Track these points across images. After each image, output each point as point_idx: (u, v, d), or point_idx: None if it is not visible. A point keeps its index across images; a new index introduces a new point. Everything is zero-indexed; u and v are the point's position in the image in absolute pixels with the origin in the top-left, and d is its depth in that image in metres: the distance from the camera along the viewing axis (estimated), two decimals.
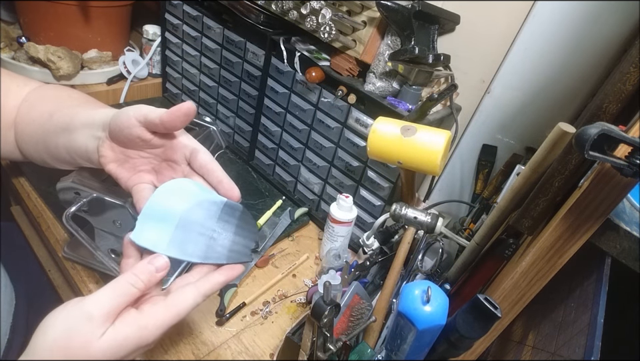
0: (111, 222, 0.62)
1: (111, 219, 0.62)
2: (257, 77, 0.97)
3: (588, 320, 0.50)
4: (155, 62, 1.23)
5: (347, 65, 0.81)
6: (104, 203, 0.60)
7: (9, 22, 1.19)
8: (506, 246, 0.59)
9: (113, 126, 0.50)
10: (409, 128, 0.65)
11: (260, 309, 0.76)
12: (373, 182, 0.84)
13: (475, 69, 0.77)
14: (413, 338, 0.52)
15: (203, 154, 0.52)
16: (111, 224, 0.63)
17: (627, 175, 0.41)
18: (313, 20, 0.76)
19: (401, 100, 0.75)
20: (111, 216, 0.61)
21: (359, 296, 0.64)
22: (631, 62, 0.48)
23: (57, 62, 1.04)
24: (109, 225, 0.63)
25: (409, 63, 0.72)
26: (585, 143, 0.40)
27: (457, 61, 0.76)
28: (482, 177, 0.83)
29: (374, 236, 0.78)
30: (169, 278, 0.61)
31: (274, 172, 1.06)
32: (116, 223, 0.62)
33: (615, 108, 0.50)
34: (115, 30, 1.19)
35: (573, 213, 0.49)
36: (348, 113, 0.83)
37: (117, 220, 0.62)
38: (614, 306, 0.51)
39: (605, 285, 0.53)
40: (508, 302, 0.57)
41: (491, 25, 0.73)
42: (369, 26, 0.77)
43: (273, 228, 0.91)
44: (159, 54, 1.22)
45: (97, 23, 1.12)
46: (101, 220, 0.63)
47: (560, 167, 0.50)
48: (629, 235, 0.51)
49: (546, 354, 0.54)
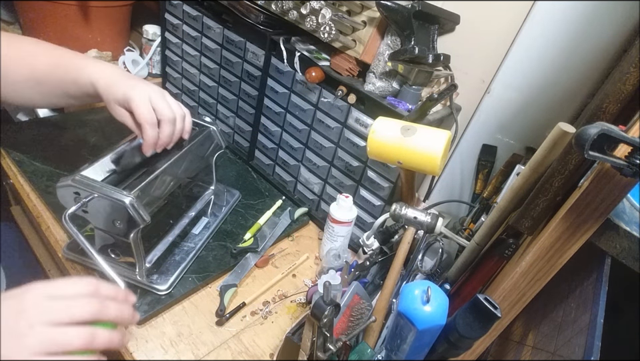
0: (110, 222, 0.62)
1: (110, 219, 0.62)
2: (256, 77, 0.97)
3: (588, 320, 0.50)
4: (154, 62, 1.23)
5: (346, 65, 0.81)
6: (104, 203, 0.60)
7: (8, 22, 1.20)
8: (506, 246, 0.59)
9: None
10: (408, 128, 0.65)
11: (260, 309, 0.76)
12: (373, 182, 0.84)
13: (475, 69, 0.77)
14: (413, 338, 0.52)
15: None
16: (110, 225, 0.62)
17: (627, 175, 0.41)
18: (312, 20, 0.76)
19: (400, 100, 0.75)
20: (110, 216, 0.61)
21: (358, 296, 0.64)
22: (631, 62, 0.48)
23: None
24: (108, 225, 0.63)
25: (408, 63, 0.72)
26: (585, 143, 0.40)
27: (456, 61, 0.76)
28: (482, 177, 0.83)
29: (374, 236, 0.78)
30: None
31: (274, 172, 1.06)
32: (116, 223, 0.62)
33: (614, 108, 0.50)
34: (115, 30, 1.19)
35: (573, 213, 0.49)
36: (348, 113, 0.83)
37: (117, 220, 0.61)
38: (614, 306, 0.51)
39: (605, 285, 0.53)
40: (508, 302, 0.57)
41: (491, 25, 0.73)
42: (368, 26, 0.77)
43: (272, 228, 0.91)
44: (158, 54, 1.22)
45: (97, 23, 1.12)
46: (101, 220, 0.63)
47: (560, 167, 0.50)
48: (628, 235, 0.51)
49: (546, 354, 0.54)
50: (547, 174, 0.52)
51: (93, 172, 0.63)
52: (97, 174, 0.64)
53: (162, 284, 0.71)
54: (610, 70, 0.68)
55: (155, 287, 0.70)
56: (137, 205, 0.59)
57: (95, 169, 0.64)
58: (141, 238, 0.66)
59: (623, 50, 0.66)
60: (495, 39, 0.73)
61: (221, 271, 0.79)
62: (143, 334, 0.67)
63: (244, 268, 0.81)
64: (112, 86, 0.64)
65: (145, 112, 0.62)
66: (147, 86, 0.65)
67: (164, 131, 0.65)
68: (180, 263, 0.76)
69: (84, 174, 0.61)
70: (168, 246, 0.78)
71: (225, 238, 0.86)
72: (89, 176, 0.61)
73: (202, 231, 0.84)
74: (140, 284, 0.71)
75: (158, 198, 0.68)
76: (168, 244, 0.78)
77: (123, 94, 0.63)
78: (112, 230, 0.64)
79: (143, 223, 0.61)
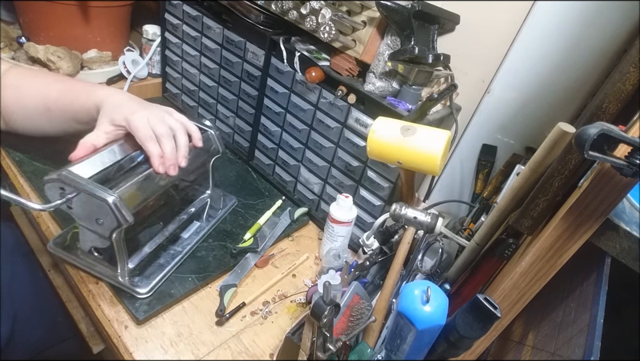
0: (93, 220, 0.62)
1: (93, 217, 0.61)
2: (256, 77, 0.97)
3: (588, 320, 0.50)
4: (154, 62, 1.23)
5: (346, 65, 0.81)
6: (88, 201, 0.59)
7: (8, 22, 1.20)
8: (506, 246, 0.59)
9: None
10: (408, 128, 0.65)
11: (260, 309, 0.76)
12: (373, 182, 0.84)
13: (475, 69, 0.77)
14: (413, 338, 0.52)
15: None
16: (93, 222, 0.62)
17: (627, 175, 0.41)
18: (312, 20, 0.76)
19: (400, 100, 0.75)
20: (94, 213, 0.61)
21: (358, 296, 0.64)
22: (631, 62, 0.48)
23: (57, 62, 1.04)
24: (92, 223, 0.62)
25: (408, 63, 0.72)
26: (585, 143, 0.40)
27: (456, 61, 0.76)
28: (482, 177, 0.83)
29: (374, 236, 0.78)
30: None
31: (274, 172, 1.06)
32: (99, 221, 0.61)
33: (614, 108, 0.50)
34: (115, 30, 1.19)
35: (573, 213, 0.49)
36: (348, 113, 0.83)
37: (100, 218, 0.61)
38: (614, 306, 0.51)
39: (605, 285, 0.53)
40: (508, 302, 0.57)
41: (491, 25, 0.73)
42: (368, 26, 0.77)
43: (272, 228, 0.91)
44: (158, 54, 1.22)
45: (97, 23, 1.12)
46: (85, 217, 0.63)
47: (560, 167, 0.50)
48: (628, 235, 0.51)
49: (546, 354, 0.54)
50: (547, 174, 0.52)
51: (84, 168, 0.63)
52: (87, 170, 0.63)
53: (143, 287, 0.70)
54: (610, 70, 0.68)
55: (136, 290, 0.69)
56: (119, 204, 0.59)
57: (87, 165, 0.64)
58: (124, 238, 0.66)
59: (623, 50, 0.66)
60: (494, 39, 0.73)
61: (221, 271, 0.79)
62: (143, 334, 0.67)
63: (244, 268, 0.81)
64: (116, 107, 0.68)
65: (142, 129, 0.65)
66: (146, 110, 0.68)
67: (165, 145, 0.67)
68: (164, 267, 0.74)
69: (71, 170, 0.60)
70: (154, 249, 0.76)
71: (224, 238, 0.86)
72: (77, 172, 0.60)
73: (191, 235, 0.82)
74: (121, 286, 0.69)
75: (147, 199, 0.67)
76: (155, 247, 0.76)
77: (123, 117, 0.66)
78: (95, 229, 0.63)
79: (126, 223, 0.60)
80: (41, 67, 1.05)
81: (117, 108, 0.67)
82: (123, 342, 0.65)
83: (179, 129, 0.70)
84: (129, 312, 0.68)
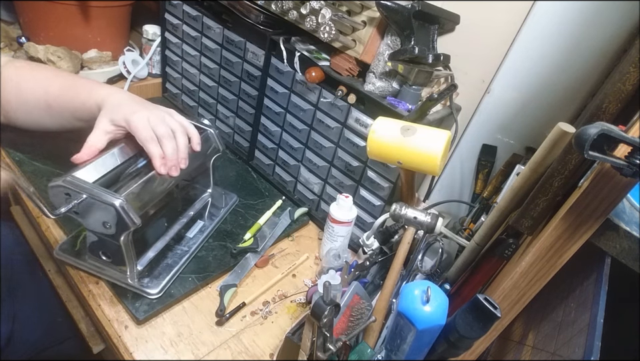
0: (101, 224, 0.62)
1: (100, 221, 0.61)
2: (256, 77, 0.97)
3: (588, 320, 0.50)
4: (154, 62, 1.23)
5: (346, 65, 0.81)
6: (94, 205, 0.59)
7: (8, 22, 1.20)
8: (506, 246, 0.59)
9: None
10: (408, 128, 0.65)
11: (260, 309, 0.76)
12: (373, 182, 0.84)
13: (475, 69, 0.77)
14: (413, 338, 0.52)
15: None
16: (101, 226, 0.62)
17: (627, 175, 0.41)
18: (312, 20, 0.76)
19: (400, 100, 0.75)
20: (100, 217, 0.61)
21: (358, 296, 0.64)
22: (631, 62, 0.48)
23: (57, 62, 1.04)
24: (99, 227, 0.63)
25: (408, 63, 0.72)
26: (585, 143, 0.40)
27: (456, 61, 0.76)
28: (482, 177, 0.83)
29: (374, 236, 0.78)
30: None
31: (274, 172, 1.06)
32: (106, 225, 0.61)
33: (614, 108, 0.50)
34: (115, 30, 1.19)
35: (573, 213, 0.49)
36: (348, 113, 0.83)
37: (107, 222, 0.61)
38: (614, 306, 0.51)
39: (605, 285, 0.53)
40: (508, 302, 0.57)
41: (491, 25, 0.73)
42: (368, 26, 0.77)
43: (272, 228, 0.91)
44: (158, 54, 1.22)
45: (97, 23, 1.12)
46: (92, 222, 0.63)
47: (560, 167, 0.50)
48: (628, 235, 0.51)
49: (546, 354, 0.54)
50: (547, 174, 0.52)
51: (88, 172, 0.63)
52: (91, 174, 0.63)
53: (153, 288, 0.70)
54: (610, 70, 0.68)
55: (146, 290, 0.70)
56: (127, 207, 0.59)
57: (90, 169, 0.64)
58: (132, 240, 0.66)
59: (623, 50, 0.66)
60: (495, 39, 0.73)
61: (221, 271, 0.79)
62: (143, 334, 0.67)
63: (244, 268, 0.81)
64: (116, 107, 0.67)
65: (142, 130, 0.65)
66: (147, 110, 0.68)
67: (165, 147, 0.67)
68: (172, 267, 0.75)
69: (76, 175, 0.61)
70: (161, 250, 0.77)
71: (224, 238, 0.86)
72: (81, 177, 0.60)
73: (196, 235, 0.83)
74: (131, 287, 0.70)
75: (151, 200, 0.68)
76: (161, 247, 0.77)
77: (124, 117, 0.66)
78: (103, 232, 0.63)
79: (134, 226, 0.61)
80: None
81: (117, 107, 0.67)
82: (123, 342, 0.65)
83: (178, 130, 0.70)
84: (129, 312, 0.68)
